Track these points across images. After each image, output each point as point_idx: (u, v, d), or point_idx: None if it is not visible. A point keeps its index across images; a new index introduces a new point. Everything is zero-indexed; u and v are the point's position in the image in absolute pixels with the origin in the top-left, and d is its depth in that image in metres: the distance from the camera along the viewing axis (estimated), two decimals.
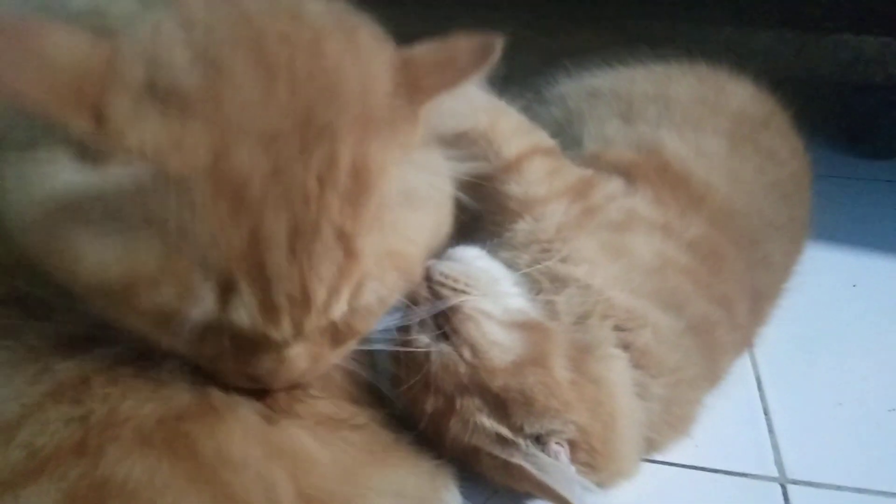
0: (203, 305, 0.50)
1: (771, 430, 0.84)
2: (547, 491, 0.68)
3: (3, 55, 0.45)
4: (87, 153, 0.48)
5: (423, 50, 0.58)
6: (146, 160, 0.47)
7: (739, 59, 1.10)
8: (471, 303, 0.74)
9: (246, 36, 0.51)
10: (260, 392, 0.60)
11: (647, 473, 0.78)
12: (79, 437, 0.52)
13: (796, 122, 1.06)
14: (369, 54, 0.55)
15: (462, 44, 0.58)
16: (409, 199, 0.57)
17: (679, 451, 0.80)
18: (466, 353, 0.72)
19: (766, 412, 0.86)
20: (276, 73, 0.50)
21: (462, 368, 0.71)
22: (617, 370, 0.74)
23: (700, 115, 0.96)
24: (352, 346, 0.63)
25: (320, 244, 0.51)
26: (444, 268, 0.76)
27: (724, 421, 0.83)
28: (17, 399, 0.54)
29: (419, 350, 0.73)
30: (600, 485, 0.73)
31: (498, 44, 0.58)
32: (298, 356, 0.56)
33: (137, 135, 0.47)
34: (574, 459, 0.71)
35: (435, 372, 0.72)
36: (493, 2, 1.37)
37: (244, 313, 0.51)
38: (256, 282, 0.50)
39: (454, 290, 0.75)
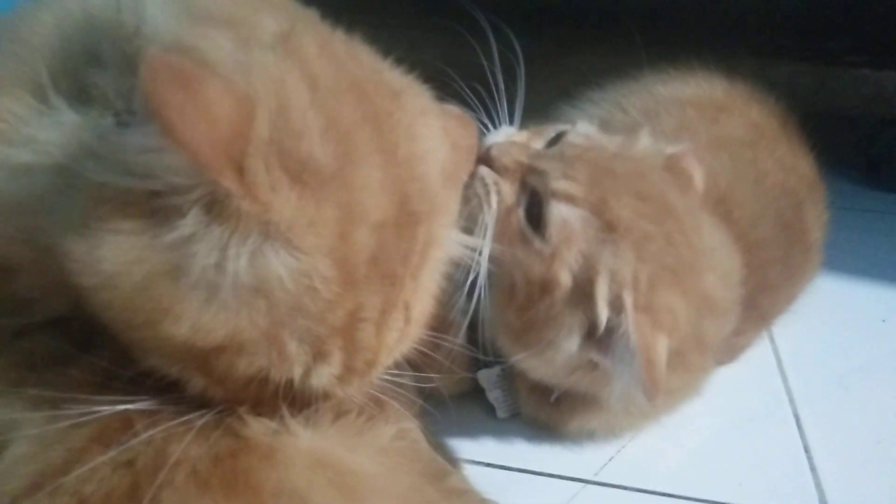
0: (291, 372, 0.51)
1: (813, 469, 0.83)
2: None
3: (188, 109, 0.42)
4: (219, 212, 0.46)
5: (458, 128, 0.64)
6: (278, 233, 0.47)
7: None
8: None
9: (366, 112, 0.52)
10: None
11: None
12: (128, 483, 0.50)
13: (817, 154, 1.06)
14: (438, 139, 0.58)
15: (470, 128, 0.68)
16: (442, 265, 0.60)
17: (724, 490, 0.79)
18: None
19: (806, 450, 0.85)
20: (389, 158, 0.52)
21: None
22: None
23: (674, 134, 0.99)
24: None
25: (395, 317, 0.54)
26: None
27: (767, 459, 0.83)
28: (63, 443, 0.52)
29: None
30: None
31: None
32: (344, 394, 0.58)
33: (276, 206, 0.46)
34: None
35: None
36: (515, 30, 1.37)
37: (325, 379, 0.53)
38: (345, 353, 0.52)
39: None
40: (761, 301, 0.91)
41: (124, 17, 0.53)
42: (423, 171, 0.55)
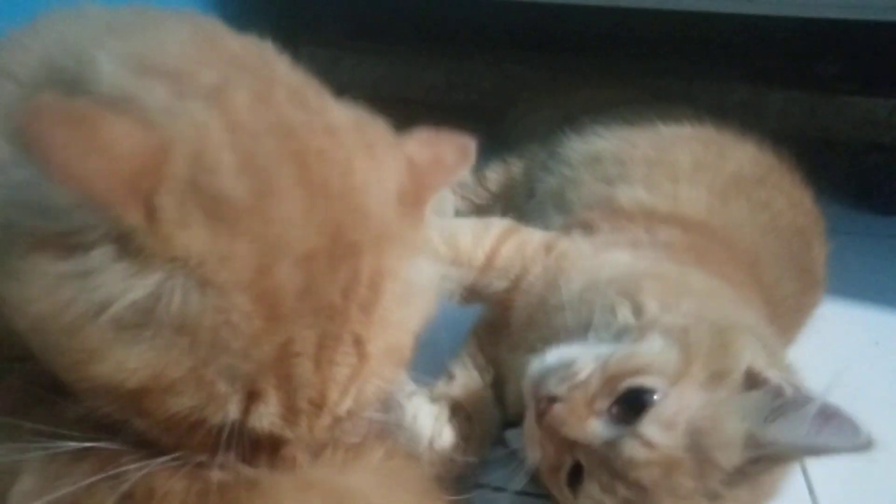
0: (225, 413, 0.50)
1: (812, 492, 0.85)
2: None
3: (75, 147, 0.43)
4: (131, 251, 0.47)
5: (417, 148, 0.60)
6: (190, 269, 0.47)
7: (753, 118, 1.14)
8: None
9: (289, 150, 0.51)
10: None
11: None
12: None
13: (809, 179, 1.09)
14: (387, 169, 0.57)
15: (446, 144, 0.61)
16: (409, 295, 0.58)
17: None
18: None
19: (804, 471, 0.88)
20: (315, 191, 0.51)
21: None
22: None
23: (689, 174, 1.01)
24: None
25: (340, 352, 0.52)
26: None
27: None
28: (68, 477, 0.53)
29: None
30: None
31: (473, 146, 0.62)
32: (301, 454, 0.57)
33: (184, 241, 0.47)
34: None
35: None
36: (516, 57, 1.40)
37: (265, 420, 0.51)
38: (282, 391, 0.51)
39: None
40: None
41: (81, 68, 0.55)
42: (361, 202, 0.54)
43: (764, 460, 0.66)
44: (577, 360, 0.71)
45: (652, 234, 0.89)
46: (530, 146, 1.27)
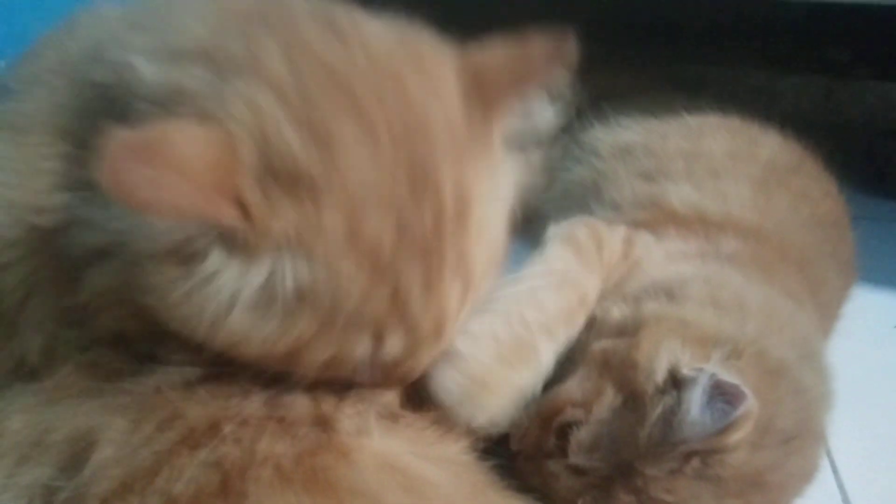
0: (360, 352, 0.55)
1: (835, 471, 0.86)
2: None
3: (152, 179, 0.44)
4: (238, 248, 0.50)
5: (492, 54, 0.58)
6: (291, 244, 0.50)
7: (768, 103, 1.14)
8: None
9: (338, 96, 0.52)
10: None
11: None
12: (217, 481, 0.53)
13: (825, 164, 1.09)
14: (439, 78, 0.57)
15: (532, 42, 0.58)
16: (496, 205, 0.60)
17: None
18: None
19: (828, 453, 0.89)
20: (375, 129, 0.52)
21: None
22: None
23: (727, 166, 0.99)
24: None
25: (447, 277, 0.55)
26: None
27: None
28: (149, 446, 0.55)
29: None
30: None
31: (572, 40, 0.58)
32: (431, 355, 0.61)
33: (279, 225, 0.49)
34: None
35: None
36: None
37: (395, 349, 0.56)
38: (403, 324, 0.54)
39: None
40: None
41: (121, 75, 0.56)
42: (423, 124, 0.53)
43: (700, 454, 0.62)
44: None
45: (715, 245, 0.88)
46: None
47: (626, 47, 1.40)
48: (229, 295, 0.51)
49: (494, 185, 0.59)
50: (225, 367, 0.58)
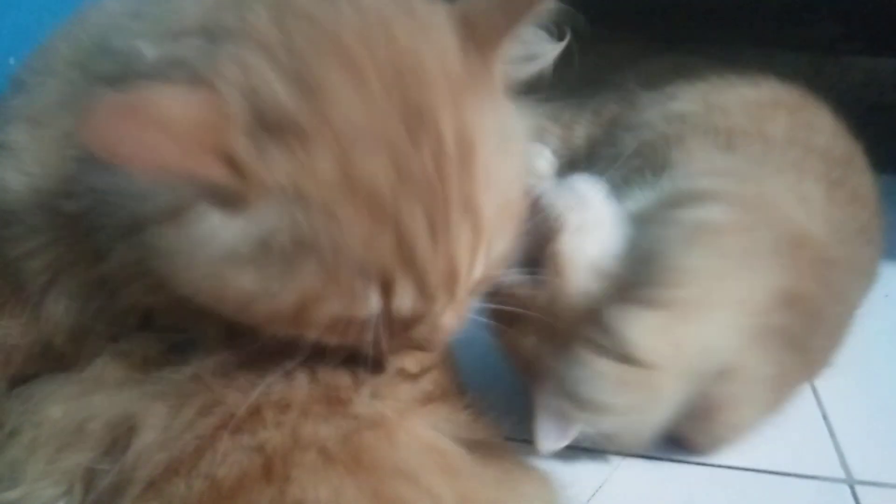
0: (370, 305, 0.54)
1: (832, 434, 0.90)
2: None
3: (136, 135, 0.46)
4: (231, 202, 0.51)
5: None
6: (285, 194, 0.50)
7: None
8: (566, 242, 0.76)
9: (325, 46, 0.52)
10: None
11: (720, 477, 0.84)
12: (260, 464, 0.55)
13: None
14: (432, 24, 0.57)
15: None
16: (505, 147, 0.58)
17: (749, 456, 0.85)
18: (553, 287, 0.75)
19: (824, 417, 0.92)
20: (364, 75, 0.52)
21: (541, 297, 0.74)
22: None
23: (797, 157, 0.96)
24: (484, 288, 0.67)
25: (454, 220, 0.54)
26: (551, 197, 0.77)
27: (789, 428, 0.88)
28: (191, 431, 0.57)
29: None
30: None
31: None
32: (452, 321, 0.60)
33: (270, 172, 0.50)
34: None
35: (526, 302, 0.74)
36: None
37: (406, 302, 0.55)
38: (411, 272, 0.53)
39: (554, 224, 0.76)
40: None
41: (129, 61, 0.58)
42: (415, 65, 0.53)
43: None
44: None
45: None
46: (565, 109, 1.24)
47: (619, 26, 1.42)
48: (229, 251, 0.51)
49: (500, 128, 0.58)
50: (258, 350, 0.59)
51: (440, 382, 0.70)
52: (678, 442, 0.85)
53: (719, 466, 0.85)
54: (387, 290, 0.54)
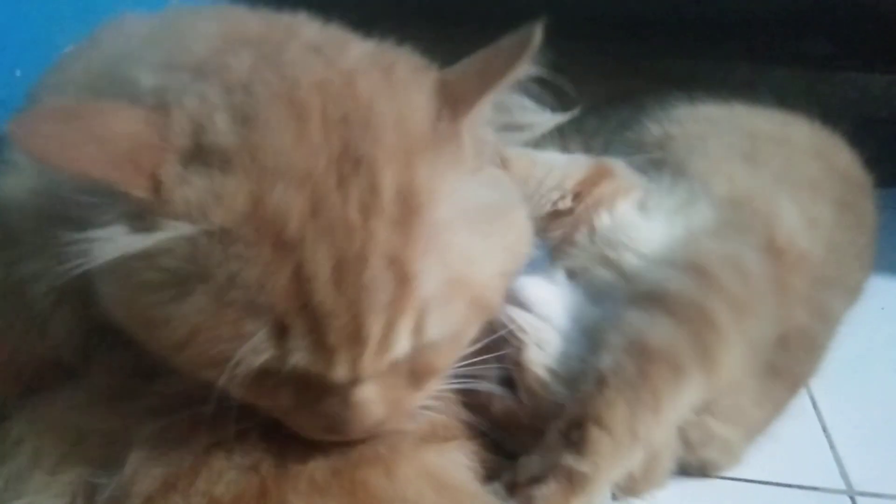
0: (261, 350, 0.51)
1: (832, 446, 0.90)
2: None
3: (65, 137, 0.48)
4: (140, 219, 0.51)
5: (462, 64, 0.58)
6: (190, 218, 0.50)
7: (753, 97, 1.17)
8: (529, 354, 0.75)
9: (279, 90, 0.54)
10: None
11: (720, 489, 0.83)
12: (256, 485, 0.55)
13: None
14: (406, 85, 0.56)
15: (500, 44, 0.57)
16: (471, 221, 0.56)
17: (751, 468, 0.85)
18: (524, 398, 0.74)
19: (824, 430, 0.92)
20: (307, 117, 0.52)
21: (522, 411, 0.74)
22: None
23: (817, 171, 0.97)
24: (434, 386, 0.63)
25: (368, 273, 0.50)
26: (505, 315, 0.76)
27: (789, 439, 0.88)
28: (186, 447, 0.57)
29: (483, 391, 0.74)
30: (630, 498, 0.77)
31: (536, 33, 0.55)
32: (370, 401, 0.55)
33: (182, 196, 0.50)
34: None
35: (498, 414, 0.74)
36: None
37: (300, 355, 0.51)
38: (307, 320, 0.50)
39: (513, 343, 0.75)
40: None
41: (126, 86, 0.59)
42: (369, 119, 0.53)
43: None
44: None
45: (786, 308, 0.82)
46: (588, 120, 1.21)
47: (612, 43, 1.44)
48: (131, 270, 0.52)
49: (472, 203, 0.56)
50: None
51: (443, 419, 0.68)
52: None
53: (719, 478, 0.84)
54: (280, 335, 0.50)
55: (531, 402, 0.74)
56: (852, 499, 0.83)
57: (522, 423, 0.73)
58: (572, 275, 0.85)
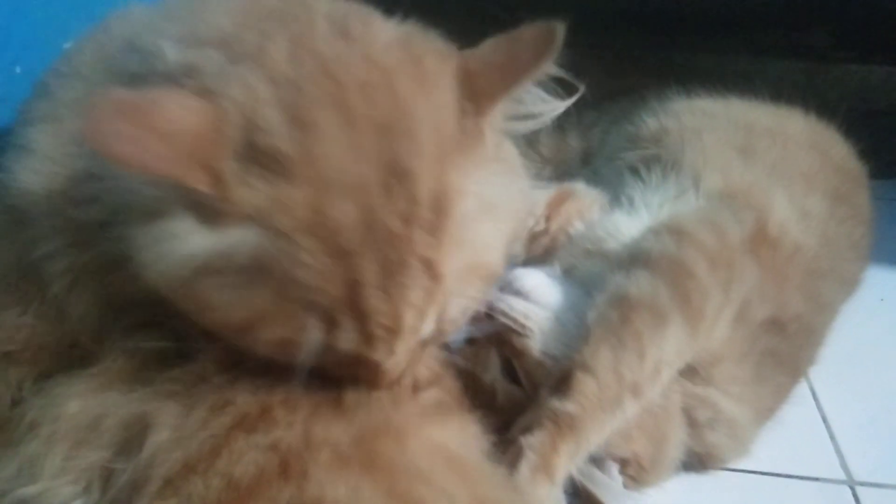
0: (312, 338, 0.55)
1: (832, 437, 0.91)
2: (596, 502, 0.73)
3: (129, 135, 0.48)
4: (207, 214, 0.53)
5: (484, 52, 0.60)
6: (257, 221, 0.52)
7: (753, 89, 1.18)
8: (528, 340, 0.78)
9: (328, 91, 0.54)
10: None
11: (721, 480, 0.84)
12: (277, 462, 0.55)
13: None
14: (435, 80, 0.58)
15: (522, 37, 0.58)
16: (487, 210, 0.59)
17: (752, 459, 0.86)
18: (524, 383, 0.77)
19: (824, 420, 0.93)
20: (358, 125, 0.54)
21: (523, 395, 0.76)
22: (675, 400, 0.79)
23: (812, 163, 0.98)
24: (443, 338, 0.68)
25: (409, 277, 0.54)
26: (504, 304, 0.80)
27: (789, 430, 0.89)
28: (205, 430, 0.57)
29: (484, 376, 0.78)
30: (639, 489, 0.79)
31: (559, 32, 0.57)
32: (396, 366, 0.60)
33: (248, 198, 0.52)
34: (623, 472, 0.76)
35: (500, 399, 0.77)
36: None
37: (347, 343, 0.56)
38: (355, 317, 0.55)
39: (512, 326, 0.78)
40: None
41: (151, 59, 0.59)
42: (409, 125, 0.55)
43: None
44: None
45: (782, 299, 0.86)
46: (587, 112, 1.26)
47: (612, 36, 1.44)
48: (195, 258, 0.53)
49: (485, 191, 0.58)
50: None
51: (451, 391, 0.70)
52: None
53: (720, 469, 0.85)
54: (330, 327, 0.55)
55: (531, 387, 0.76)
56: (852, 489, 0.84)
57: (525, 407, 0.75)
58: (565, 274, 0.88)
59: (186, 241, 0.53)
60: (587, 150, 1.24)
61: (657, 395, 0.74)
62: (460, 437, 0.64)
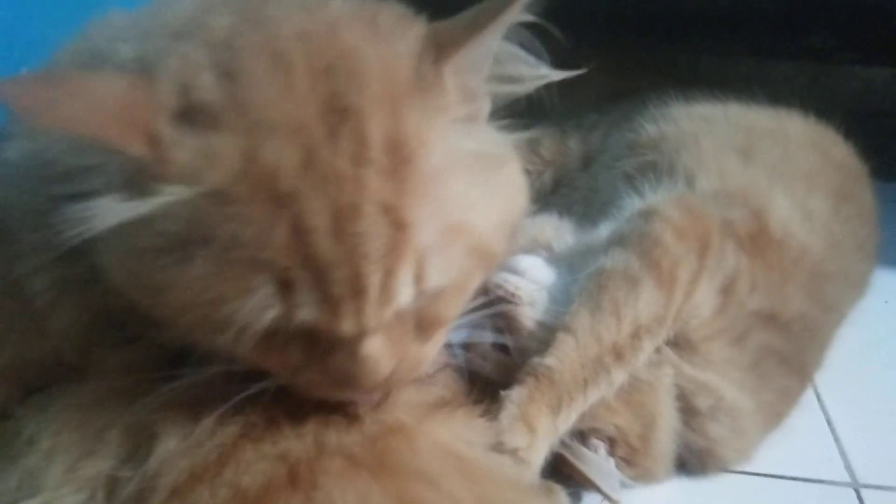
0: (267, 308, 0.51)
1: (837, 439, 0.91)
2: (585, 480, 0.75)
3: (57, 97, 0.48)
4: (137, 188, 0.51)
5: (456, 17, 0.57)
6: (185, 181, 0.50)
7: (757, 90, 1.18)
8: (522, 310, 0.80)
9: (261, 42, 0.53)
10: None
11: (725, 482, 0.84)
12: (285, 472, 0.55)
13: None
14: (390, 33, 0.56)
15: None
16: (467, 168, 0.56)
17: (755, 461, 0.86)
18: (515, 353, 0.78)
19: (829, 422, 0.94)
20: (292, 69, 0.52)
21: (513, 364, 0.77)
22: (664, 379, 0.80)
23: (813, 164, 0.98)
24: (441, 338, 0.63)
25: (363, 222, 0.50)
26: (499, 279, 0.81)
27: (794, 433, 0.89)
28: (212, 439, 0.58)
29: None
30: (635, 480, 0.80)
31: None
32: (378, 352, 0.55)
33: (176, 157, 0.50)
34: (613, 453, 0.78)
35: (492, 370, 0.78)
36: None
37: (306, 309, 0.51)
38: (310, 274, 0.50)
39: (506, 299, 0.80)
40: None
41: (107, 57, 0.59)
42: (354, 68, 0.52)
43: None
44: None
45: (782, 296, 0.87)
46: (588, 115, 1.26)
47: (615, 38, 1.44)
48: (132, 237, 0.52)
49: (464, 149, 0.56)
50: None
51: (453, 387, 0.71)
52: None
53: (724, 471, 0.85)
54: (286, 291, 0.51)
55: (522, 355, 0.77)
56: (857, 491, 0.84)
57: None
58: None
59: (124, 221, 0.51)
60: (588, 153, 1.24)
61: (642, 364, 0.77)
62: (465, 435, 0.64)
